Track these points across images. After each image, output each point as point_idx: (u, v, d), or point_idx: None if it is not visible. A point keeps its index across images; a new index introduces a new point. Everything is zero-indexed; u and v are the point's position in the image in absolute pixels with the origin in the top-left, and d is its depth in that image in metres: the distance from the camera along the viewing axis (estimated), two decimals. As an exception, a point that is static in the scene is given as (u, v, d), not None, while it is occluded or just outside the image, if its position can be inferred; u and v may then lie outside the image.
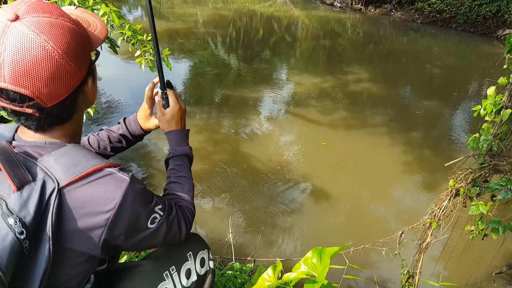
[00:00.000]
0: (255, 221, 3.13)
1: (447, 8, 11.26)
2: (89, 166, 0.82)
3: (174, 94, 1.25)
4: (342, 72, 7.15)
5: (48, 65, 0.75)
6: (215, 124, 4.77)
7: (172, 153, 1.21)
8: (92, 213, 0.81)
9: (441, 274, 2.43)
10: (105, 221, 0.82)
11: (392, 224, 3.30)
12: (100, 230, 0.82)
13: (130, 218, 0.86)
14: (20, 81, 0.73)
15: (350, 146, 4.55)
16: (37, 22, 0.75)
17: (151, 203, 0.93)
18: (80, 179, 0.80)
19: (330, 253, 1.32)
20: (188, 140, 1.27)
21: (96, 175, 0.83)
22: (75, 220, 0.80)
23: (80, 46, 0.81)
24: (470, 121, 5.42)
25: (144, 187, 0.91)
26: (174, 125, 1.24)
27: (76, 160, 0.82)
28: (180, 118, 1.25)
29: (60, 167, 0.80)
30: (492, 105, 1.83)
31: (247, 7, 13.28)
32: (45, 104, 0.77)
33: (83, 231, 0.81)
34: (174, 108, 1.24)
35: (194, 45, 8.42)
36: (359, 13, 12.89)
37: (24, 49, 0.73)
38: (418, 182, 3.92)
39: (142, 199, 0.89)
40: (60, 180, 0.79)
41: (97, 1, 1.81)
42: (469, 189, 1.95)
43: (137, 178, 0.92)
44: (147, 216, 0.91)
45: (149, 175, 3.60)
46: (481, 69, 8.27)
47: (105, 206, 0.82)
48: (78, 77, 0.82)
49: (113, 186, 0.84)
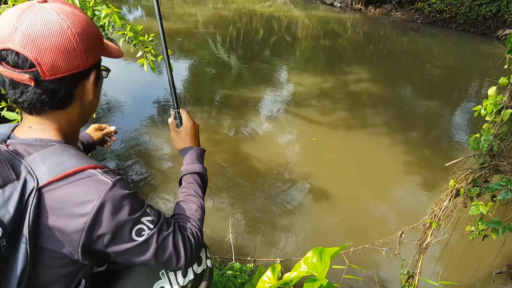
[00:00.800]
0: (255, 221, 3.13)
1: (447, 8, 11.26)
2: (71, 166, 0.81)
3: (186, 112, 1.25)
4: (342, 72, 7.15)
5: (58, 38, 0.78)
6: (215, 124, 4.76)
7: (185, 171, 1.18)
8: (69, 214, 0.78)
9: (440, 274, 2.43)
10: (83, 225, 0.79)
11: (392, 224, 3.30)
12: (78, 234, 0.79)
13: (109, 225, 0.82)
14: (28, 46, 0.76)
15: (350, 146, 4.55)
16: (61, 7, 0.82)
17: (138, 212, 0.87)
18: (60, 179, 0.79)
19: (331, 253, 1.32)
20: (203, 160, 1.24)
21: (76, 176, 0.80)
22: (53, 221, 0.78)
23: (93, 38, 0.85)
24: (470, 121, 5.42)
25: (130, 193, 0.86)
26: (188, 141, 1.22)
27: (60, 159, 0.81)
28: (194, 135, 1.24)
29: (44, 166, 0.80)
30: (492, 105, 1.83)
31: (247, 7, 13.28)
32: (43, 74, 0.78)
33: (62, 232, 0.79)
34: (188, 125, 1.23)
35: (194, 45, 8.42)
36: (359, 13, 12.89)
37: (41, 21, 0.78)
38: (418, 182, 3.92)
39: (126, 206, 0.84)
40: (40, 179, 0.78)
41: (98, 2, 1.81)
42: (469, 189, 1.95)
43: (125, 183, 0.87)
44: (131, 225, 0.85)
45: (149, 175, 3.60)
46: (481, 69, 8.28)
47: (82, 208, 0.79)
48: (83, 62, 0.83)
49: (92, 188, 0.80)
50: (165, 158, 3.84)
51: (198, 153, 1.23)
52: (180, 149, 1.22)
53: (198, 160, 1.21)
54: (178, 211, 1.08)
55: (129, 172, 3.61)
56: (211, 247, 2.75)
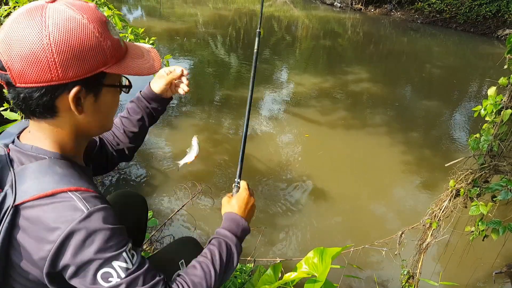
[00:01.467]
0: (255, 221, 3.13)
1: (447, 8, 11.26)
2: (50, 187, 0.77)
3: (246, 184, 1.20)
4: (342, 72, 7.14)
5: (31, 46, 0.73)
6: (215, 124, 4.76)
7: (216, 233, 1.06)
8: (38, 238, 0.75)
9: (441, 274, 2.43)
10: (47, 253, 0.75)
11: (392, 224, 3.30)
12: (43, 261, 0.75)
13: (73, 258, 0.75)
14: (3, 48, 0.74)
15: (350, 146, 4.55)
16: (57, 12, 0.76)
17: (110, 252, 0.76)
18: (37, 199, 0.76)
19: (332, 253, 1.32)
20: (241, 234, 1.08)
21: (53, 198, 0.76)
22: (24, 240, 0.76)
23: (79, 51, 0.76)
24: (470, 121, 5.42)
25: (107, 228, 0.77)
26: (236, 208, 1.12)
27: (42, 178, 0.78)
28: (245, 205, 1.14)
29: (26, 182, 0.77)
30: (492, 105, 1.83)
31: (247, 7, 13.28)
32: (13, 80, 0.75)
33: (30, 254, 0.76)
34: (242, 194, 1.17)
35: (194, 45, 8.42)
36: (359, 13, 12.88)
37: (23, 25, 0.74)
38: (418, 182, 3.92)
39: (96, 242, 0.75)
40: (19, 196, 0.76)
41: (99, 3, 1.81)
42: (469, 190, 1.95)
43: (106, 215, 0.79)
44: (96, 266, 0.76)
45: (149, 175, 3.60)
46: (481, 69, 8.27)
47: (50, 234, 0.74)
48: (57, 75, 0.75)
49: (63, 215, 0.75)
50: (165, 158, 3.84)
51: (239, 223, 1.08)
52: (225, 212, 1.12)
53: (234, 228, 1.06)
54: (183, 271, 0.94)
55: (129, 172, 3.61)
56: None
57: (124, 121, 1.26)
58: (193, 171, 3.61)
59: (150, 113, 1.26)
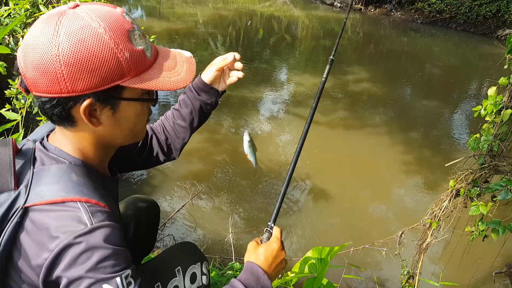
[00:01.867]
0: (255, 221, 3.13)
1: (447, 8, 11.25)
2: (61, 195, 0.75)
3: (280, 232, 1.04)
4: (342, 72, 7.14)
5: (40, 54, 0.72)
6: (215, 124, 4.76)
7: (230, 283, 0.92)
8: (40, 244, 0.73)
9: (441, 274, 2.43)
10: (44, 261, 0.72)
11: (392, 224, 3.30)
12: (40, 268, 0.73)
13: (65, 271, 0.72)
14: (21, 55, 0.75)
15: (350, 146, 4.55)
16: (74, 21, 0.73)
17: (104, 274, 0.71)
18: (46, 204, 0.75)
19: (330, 252, 1.32)
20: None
21: (61, 206, 0.75)
22: (27, 243, 0.75)
23: (92, 64, 0.72)
24: (470, 121, 5.42)
25: (108, 248, 0.73)
26: (261, 260, 0.95)
27: (56, 184, 0.77)
28: (273, 259, 0.96)
29: (41, 185, 0.77)
30: (492, 105, 1.83)
31: (247, 7, 13.27)
32: (29, 87, 0.76)
33: (30, 258, 0.75)
34: (273, 244, 0.99)
35: (194, 45, 8.42)
36: (359, 13, 12.88)
37: (37, 33, 0.73)
38: (418, 182, 3.91)
39: (91, 260, 0.71)
40: (30, 198, 0.75)
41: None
42: (469, 190, 1.95)
43: (111, 235, 0.75)
44: (87, 285, 0.71)
45: (149, 175, 3.60)
46: (481, 69, 8.27)
47: (50, 243, 0.72)
48: (66, 88, 0.73)
49: (65, 225, 0.73)
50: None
51: (259, 279, 0.93)
52: (247, 261, 0.97)
53: (252, 284, 0.92)
54: None
55: (128, 172, 3.60)
56: (211, 247, 2.75)
57: (175, 114, 1.20)
58: (193, 171, 3.61)
59: (200, 108, 1.18)
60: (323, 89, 1.16)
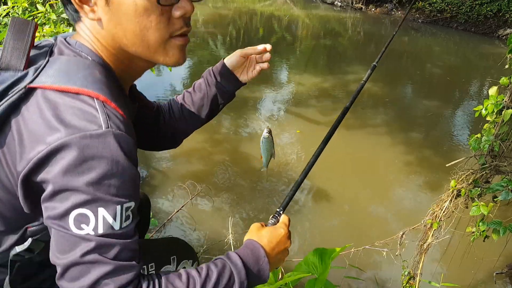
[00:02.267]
0: (255, 221, 3.12)
1: (448, 8, 11.23)
2: (77, 84, 0.63)
3: (288, 220, 0.96)
4: (343, 71, 7.13)
5: None
6: (215, 124, 4.75)
7: (225, 254, 0.80)
8: (34, 133, 0.61)
9: (442, 275, 2.43)
10: (36, 154, 0.59)
11: (393, 224, 3.29)
12: (26, 162, 0.60)
13: (57, 178, 0.58)
14: None
15: (351, 146, 4.54)
16: None
17: (105, 194, 0.59)
18: (57, 90, 0.63)
19: (331, 253, 1.31)
20: (255, 280, 0.80)
21: (74, 96, 0.63)
22: (18, 131, 0.63)
23: None
24: (471, 121, 5.41)
25: (116, 163, 0.60)
26: (264, 241, 0.85)
27: (75, 74, 0.65)
28: (276, 245, 0.86)
29: (56, 70, 0.66)
30: (493, 105, 1.83)
31: (247, 6, 13.27)
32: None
33: (17, 150, 0.62)
34: (279, 229, 0.90)
35: (194, 44, 8.41)
36: (360, 12, 12.86)
37: None
38: (419, 182, 3.90)
39: (94, 171, 0.58)
40: (39, 79, 0.64)
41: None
42: (470, 190, 1.94)
43: (124, 147, 0.61)
44: (79, 201, 0.58)
45: (149, 175, 3.59)
46: (482, 69, 8.26)
47: (47, 134, 0.59)
48: None
49: (73, 118, 0.60)
50: (164, 158, 3.83)
51: (258, 259, 0.81)
52: (248, 238, 0.87)
53: (250, 261, 0.79)
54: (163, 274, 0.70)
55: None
56: (211, 247, 2.74)
57: (185, 96, 1.10)
58: (193, 171, 3.61)
59: (214, 96, 1.07)
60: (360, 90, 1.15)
